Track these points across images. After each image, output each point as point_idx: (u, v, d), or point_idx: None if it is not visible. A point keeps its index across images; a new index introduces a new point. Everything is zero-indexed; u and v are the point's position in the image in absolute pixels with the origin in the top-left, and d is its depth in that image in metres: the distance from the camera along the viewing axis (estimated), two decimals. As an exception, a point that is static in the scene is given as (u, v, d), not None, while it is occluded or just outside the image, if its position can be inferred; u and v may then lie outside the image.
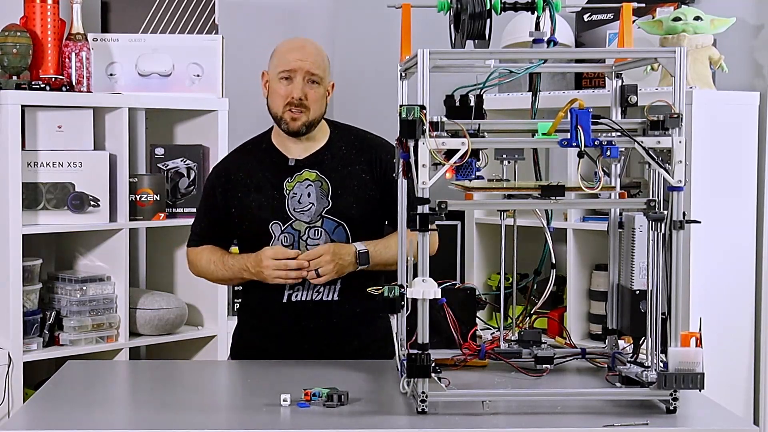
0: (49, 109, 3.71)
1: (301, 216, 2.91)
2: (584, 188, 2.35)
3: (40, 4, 3.73)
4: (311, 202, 2.92)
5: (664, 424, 2.28)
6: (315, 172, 2.94)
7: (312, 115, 2.91)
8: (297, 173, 2.94)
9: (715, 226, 3.35)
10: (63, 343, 3.72)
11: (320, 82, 2.91)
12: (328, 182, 2.93)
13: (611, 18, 3.83)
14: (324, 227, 2.91)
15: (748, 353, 3.57)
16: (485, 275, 4.03)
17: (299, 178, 2.94)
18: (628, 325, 2.52)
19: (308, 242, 2.90)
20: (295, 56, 2.90)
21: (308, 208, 2.91)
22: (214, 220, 3.02)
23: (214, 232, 3.03)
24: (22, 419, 2.45)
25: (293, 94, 2.88)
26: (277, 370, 2.74)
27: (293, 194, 2.92)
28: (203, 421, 2.34)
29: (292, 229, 2.91)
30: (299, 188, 2.93)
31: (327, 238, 2.91)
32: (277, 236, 2.91)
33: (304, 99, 2.88)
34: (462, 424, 2.26)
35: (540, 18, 2.53)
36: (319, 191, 2.92)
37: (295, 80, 2.89)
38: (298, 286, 2.91)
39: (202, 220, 3.07)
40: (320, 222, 2.91)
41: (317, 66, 2.90)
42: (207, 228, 3.05)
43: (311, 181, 2.93)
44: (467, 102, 2.45)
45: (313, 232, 2.91)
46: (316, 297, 2.92)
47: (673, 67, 2.32)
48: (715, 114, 3.40)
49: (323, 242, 2.89)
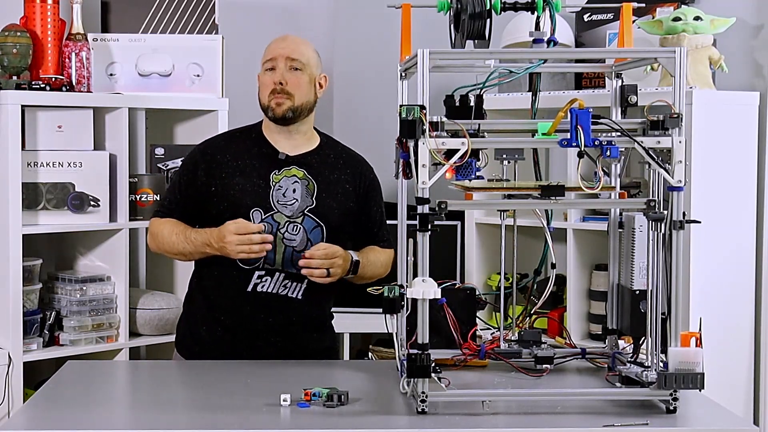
0: (49, 109, 3.70)
1: (283, 209, 2.93)
2: (584, 188, 2.35)
3: (40, 4, 3.73)
4: (295, 198, 2.94)
5: (664, 424, 2.28)
6: (303, 171, 2.97)
7: (297, 101, 2.95)
8: (285, 168, 2.97)
9: (715, 226, 3.35)
10: (63, 343, 3.72)
11: (302, 68, 2.96)
12: (315, 183, 2.96)
13: (611, 18, 3.83)
14: (304, 224, 2.93)
15: (748, 353, 3.57)
16: (485, 275, 4.03)
17: (287, 173, 2.96)
18: (628, 325, 2.53)
19: (285, 236, 2.92)
20: (277, 45, 2.99)
21: (292, 202, 2.94)
22: (189, 196, 3.01)
23: (185, 208, 3.02)
24: (22, 419, 2.45)
25: (274, 79, 2.94)
26: (277, 370, 2.74)
27: (279, 186, 2.94)
28: (203, 421, 2.33)
29: (273, 220, 2.93)
30: (286, 182, 2.95)
31: (304, 235, 2.93)
32: (256, 223, 2.91)
33: (285, 84, 2.94)
34: (462, 424, 2.26)
35: (540, 18, 2.53)
36: (305, 189, 2.95)
37: (278, 67, 2.95)
38: (266, 276, 2.92)
39: (175, 193, 3.06)
40: (301, 219, 2.93)
41: (298, 53, 2.97)
42: (179, 203, 3.03)
43: (299, 178, 2.96)
44: (467, 102, 2.45)
45: (292, 227, 2.93)
46: (282, 291, 2.94)
47: (673, 67, 2.32)
48: (715, 114, 3.40)
49: (300, 239, 2.92)
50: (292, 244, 2.92)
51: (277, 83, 2.94)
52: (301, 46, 3.00)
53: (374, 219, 3.08)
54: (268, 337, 2.95)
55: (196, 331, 3.04)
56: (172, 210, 3.04)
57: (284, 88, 2.94)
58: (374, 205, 3.08)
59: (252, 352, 2.92)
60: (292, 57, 2.95)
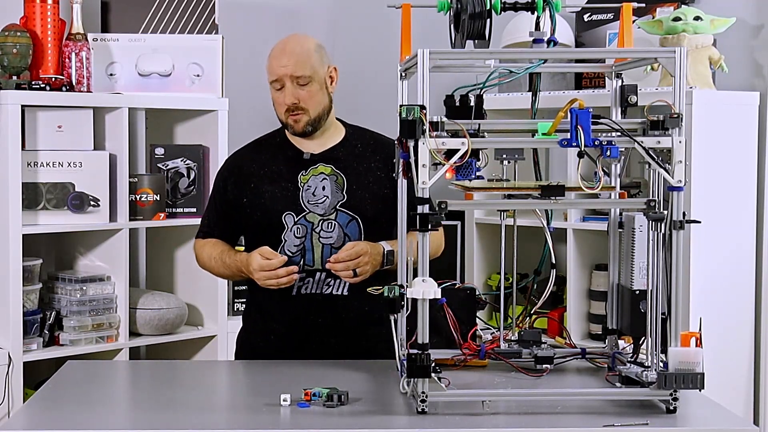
0: (49, 109, 3.71)
1: (314, 208, 2.92)
2: (584, 188, 2.35)
3: (40, 4, 3.73)
4: (326, 195, 2.92)
5: (664, 424, 2.28)
6: (330, 166, 2.95)
7: (313, 113, 2.93)
8: (312, 167, 2.95)
9: (715, 226, 3.35)
10: (63, 343, 3.72)
11: (310, 80, 2.91)
12: (344, 177, 2.94)
13: (611, 18, 3.83)
14: (338, 220, 2.91)
15: (748, 353, 3.57)
16: (485, 275, 4.03)
17: (314, 171, 2.95)
18: (628, 325, 2.52)
19: (321, 234, 2.90)
20: (279, 63, 2.91)
21: (323, 200, 2.92)
22: (223, 213, 3.03)
23: (222, 225, 3.04)
24: (22, 419, 2.45)
25: (286, 101, 2.91)
26: (277, 370, 2.74)
27: (308, 186, 2.93)
28: (203, 421, 2.33)
29: (306, 220, 2.91)
30: (314, 181, 2.93)
31: (340, 231, 2.91)
32: (290, 227, 2.91)
33: (298, 102, 2.90)
34: (462, 424, 2.26)
35: (540, 18, 2.53)
36: (334, 185, 2.93)
37: (285, 87, 2.90)
38: (308, 278, 2.91)
39: (211, 212, 3.07)
40: (334, 215, 2.92)
41: (301, 66, 2.89)
42: (215, 221, 3.05)
43: (326, 174, 2.94)
44: (467, 102, 2.45)
45: (326, 224, 2.91)
46: (326, 290, 2.91)
47: (673, 67, 2.32)
48: (715, 114, 3.40)
49: (336, 235, 2.90)
50: (329, 242, 2.90)
51: (290, 104, 2.90)
52: (303, 56, 2.91)
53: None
54: (320, 338, 2.92)
55: (252, 342, 3.04)
56: (211, 230, 3.06)
57: (298, 105, 2.90)
58: None
59: (307, 355, 2.87)
60: (297, 75, 2.89)
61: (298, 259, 2.89)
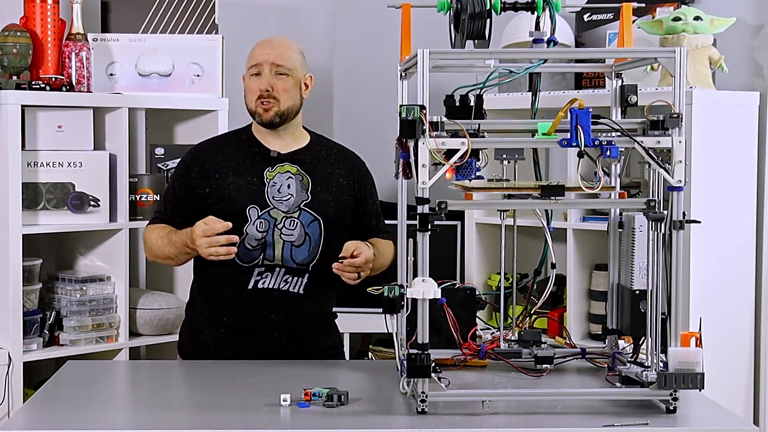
0: (49, 109, 3.70)
1: (279, 205, 2.94)
2: (584, 188, 2.35)
3: (40, 4, 3.73)
4: (290, 193, 2.95)
5: (664, 424, 2.28)
6: (296, 166, 2.99)
7: (283, 106, 2.97)
8: (278, 164, 2.98)
9: (715, 226, 3.35)
10: (63, 343, 3.72)
11: (288, 73, 2.96)
12: (309, 178, 2.98)
13: (611, 18, 3.83)
14: (301, 219, 2.94)
15: (748, 353, 3.57)
16: (485, 275, 4.03)
17: (280, 169, 2.98)
18: (628, 325, 2.53)
19: (283, 231, 2.93)
20: (261, 50, 2.99)
21: (287, 198, 2.95)
22: (184, 200, 3.01)
23: (181, 213, 3.01)
24: (22, 419, 2.45)
25: (261, 86, 2.95)
26: (277, 370, 2.74)
27: (273, 183, 2.96)
28: (203, 421, 2.33)
29: (269, 216, 2.93)
30: (280, 178, 2.96)
31: (302, 230, 2.94)
32: (252, 220, 2.92)
33: (272, 90, 2.95)
34: (462, 424, 2.26)
35: (540, 18, 2.53)
36: (300, 184, 2.96)
37: (263, 73, 2.96)
38: (267, 272, 2.93)
39: (169, 200, 3.06)
40: (297, 213, 2.94)
41: (284, 58, 2.97)
42: (175, 208, 3.03)
43: (292, 174, 2.98)
44: (467, 102, 2.45)
45: (289, 222, 2.93)
46: (283, 286, 2.94)
47: (673, 67, 2.32)
48: (715, 114, 3.40)
49: (297, 234, 2.93)
50: (290, 240, 2.93)
51: (264, 90, 2.95)
52: (287, 51, 2.99)
53: (371, 211, 3.09)
54: (271, 334, 2.94)
55: (198, 335, 3.03)
56: (167, 216, 3.04)
57: (271, 94, 2.95)
58: (370, 197, 3.09)
59: (255, 351, 2.92)
60: (278, 63, 2.95)
61: (258, 253, 2.91)
